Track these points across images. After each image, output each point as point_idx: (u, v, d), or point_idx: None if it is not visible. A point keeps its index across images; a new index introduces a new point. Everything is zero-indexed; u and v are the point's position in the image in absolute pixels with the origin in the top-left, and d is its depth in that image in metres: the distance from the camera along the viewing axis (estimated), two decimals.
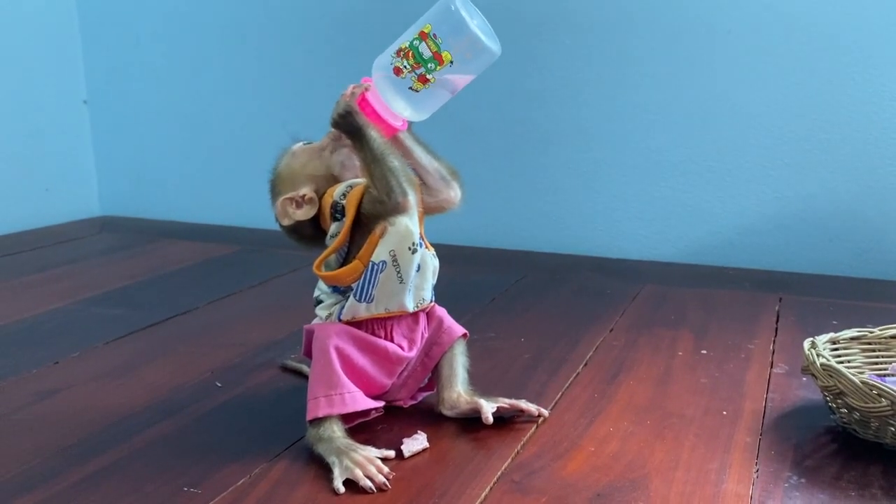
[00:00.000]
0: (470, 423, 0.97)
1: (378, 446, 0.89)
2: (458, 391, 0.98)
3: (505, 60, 1.92)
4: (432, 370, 1.00)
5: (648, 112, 1.76)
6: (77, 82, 2.32)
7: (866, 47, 1.58)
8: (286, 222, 0.95)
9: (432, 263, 0.95)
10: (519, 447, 0.91)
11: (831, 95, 1.62)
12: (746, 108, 1.68)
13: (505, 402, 0.97)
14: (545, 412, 0.99)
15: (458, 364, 0.99)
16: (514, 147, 1.89)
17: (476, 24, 0.86)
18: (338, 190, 0.92)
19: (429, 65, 0.86)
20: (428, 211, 0.95)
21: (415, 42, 0.86)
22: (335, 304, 0.95)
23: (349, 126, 0.88)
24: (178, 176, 2.28)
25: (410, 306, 0.94)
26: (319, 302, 0.98)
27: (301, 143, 0.98)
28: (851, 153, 1.62)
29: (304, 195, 0.93)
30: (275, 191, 0.96)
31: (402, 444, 0.90)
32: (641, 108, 1.76)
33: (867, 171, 1.62)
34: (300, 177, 0.94)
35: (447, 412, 0.98)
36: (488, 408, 0.95)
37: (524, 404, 0.98)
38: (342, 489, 0.81)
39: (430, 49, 0.86)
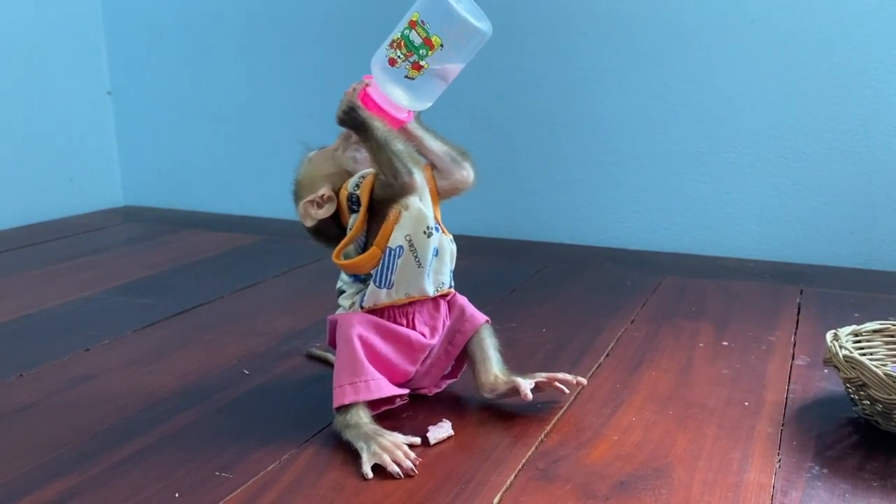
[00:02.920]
0: (494, 410, 0.99)
1: (404, 433, 0.90)
2: (495, 373, 0.99)
3: (525, 52, 1.93)
4: (457, 358, 1.02)
5: (669, 103, 1.76)
6: (101, 73, 2.34)
7: (890, 38, 1.57)
8: (309, 223, 0.97)
9: (450, 248, 0.97)
10: (543, 435, 0.93)
11: (853, 87, 1.61)
12: (767, 100, 1.68)
13: (542, 377, 0.99)
14: (583, 380, 1.01)
15: (489, 347, 1.00)
16: (534, 138, 1.89)
17: (463, 6, 0.87)
18: (351, 182, 0.95)
19: (420, 51, 0.88)
20: (444, 194, 0.97)
21: (405, 31, 0.89)
22: (357, 293, 0.97)
23: (354, 121, 0.90)
24: (201, 166, 2.30)
25: (430, 290, 0.96)
26: (342, 293, 1.00)
27: (315, 150, 1.01)
28: (873, 145, 1.62)
29: (323, 195, 0.96)
30: (297, 197, 0.99)
31: (427, 431, 0.91)
32: (661, 100, 1.77)
33: (889, 162, 1.61)
34: (318, 179, 0.97)
35: (487, 395, 1.00)
36: (526, 385, 0.96)
37: (562, 375, 0.99)
38: (371, 474, 0.83)
39: (419, 36, 0.88)
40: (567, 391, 1.00)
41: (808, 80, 1.64)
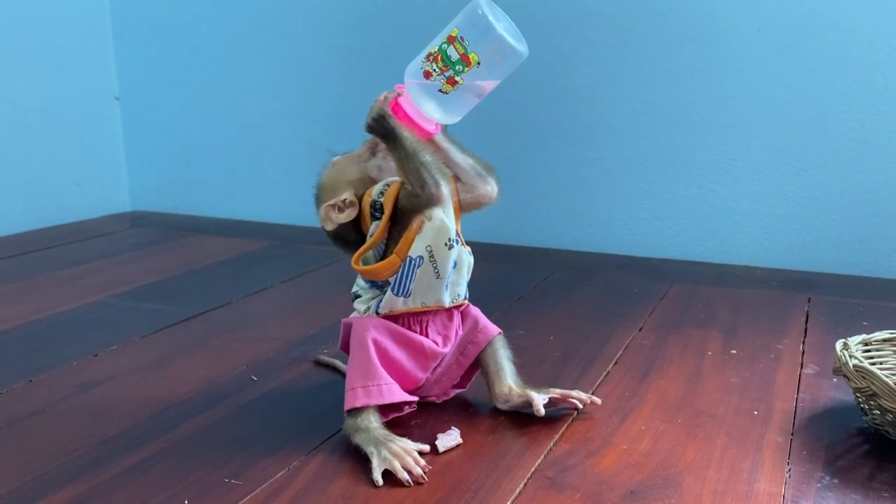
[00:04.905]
0: (503, 419, 0.99)
1: (413, 441, 0.90)
2: (509, 384, 1.00)
3: (533, 59, 1.92)
4: (468, 368, 1.02)
5: (676, 110, 1.76)
6: (109, 78, 2.35)
7: None
8: (329, 227, 0.97)
9: (467, 260, 0.97)
10: (552, 444, 0.92)
11: (862, 94, 1.61)
12: (775, 107, 1.68)
13: (556, 393, 0.99)
14: (597, 400, 1.01)
15: (502, 357, 1.01)
16: (541, 144, 1.89)
17: (503, 26, 0.88)
18: (376, 189, 0.94)
19: (457, 67, 0.88)
20: (466, 207, 0.97)
21: (443, 46, 0.89)
22: (373, 298, 0.97)
23: (382, 129, 0.90)
24: (209, 171, 2.30)
25: (447, 301, 0.96)
26: (357, 296, 1.00)
27: (339, 155, 1.01)
28: (882, 153, 1.61)
29: (345, 199, 0.96)
30: (318, 200, 0.99)
31: (436, 439, 0.91)
32: (669, 106, 1.77)
33: None
34: (340, 183, 0.97)
35: (501, 406, 1.00)
36: (539, 400, 0.96)
37: (575, 393, 1.00)
38: (381, 481, 0.83)
39: (457, 52, 0.88)
40: (581, 407, 1.00)
41: (816, 87, 1.64)
